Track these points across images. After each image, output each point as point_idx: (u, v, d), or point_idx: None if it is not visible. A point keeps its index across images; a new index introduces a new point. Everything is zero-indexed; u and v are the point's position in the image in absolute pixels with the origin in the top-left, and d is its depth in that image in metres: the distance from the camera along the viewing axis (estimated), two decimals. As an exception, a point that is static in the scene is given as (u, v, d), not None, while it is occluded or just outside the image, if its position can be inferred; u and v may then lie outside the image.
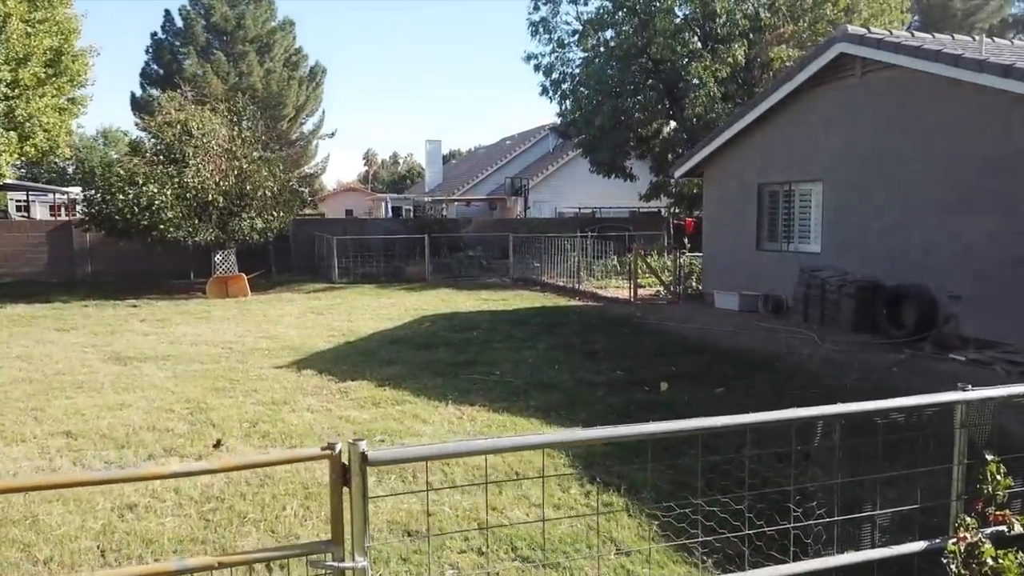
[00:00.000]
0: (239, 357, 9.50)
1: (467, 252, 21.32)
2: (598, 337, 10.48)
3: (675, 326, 11.25)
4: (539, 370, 8.46)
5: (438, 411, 6.76)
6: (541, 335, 10.78)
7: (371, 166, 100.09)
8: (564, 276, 18.51)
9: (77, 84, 24.29)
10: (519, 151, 39.48)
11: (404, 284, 18.84)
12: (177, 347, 10.31)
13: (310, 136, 44.37)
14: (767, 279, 12.31)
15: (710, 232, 13.96)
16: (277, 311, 14.12)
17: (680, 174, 14.53)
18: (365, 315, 13.43)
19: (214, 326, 12.30)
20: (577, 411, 6.73)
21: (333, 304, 15.06)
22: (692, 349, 9.48)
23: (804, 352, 9.18)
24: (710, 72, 19.44)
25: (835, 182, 10.92)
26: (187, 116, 16.82)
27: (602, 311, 13.11)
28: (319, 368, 8.68)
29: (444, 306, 14.62)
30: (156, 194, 15.63)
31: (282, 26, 41.38)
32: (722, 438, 5.14)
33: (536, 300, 15.52)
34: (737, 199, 12.98)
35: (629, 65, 21.11)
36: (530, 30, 22.39)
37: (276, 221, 17.42)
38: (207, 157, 16.31)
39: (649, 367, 8.56)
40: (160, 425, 6.40)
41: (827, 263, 10.99)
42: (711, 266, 13.88)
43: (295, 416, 6.65)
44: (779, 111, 11.83)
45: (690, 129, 20.20)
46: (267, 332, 11.55)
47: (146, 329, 12.01)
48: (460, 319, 12.54)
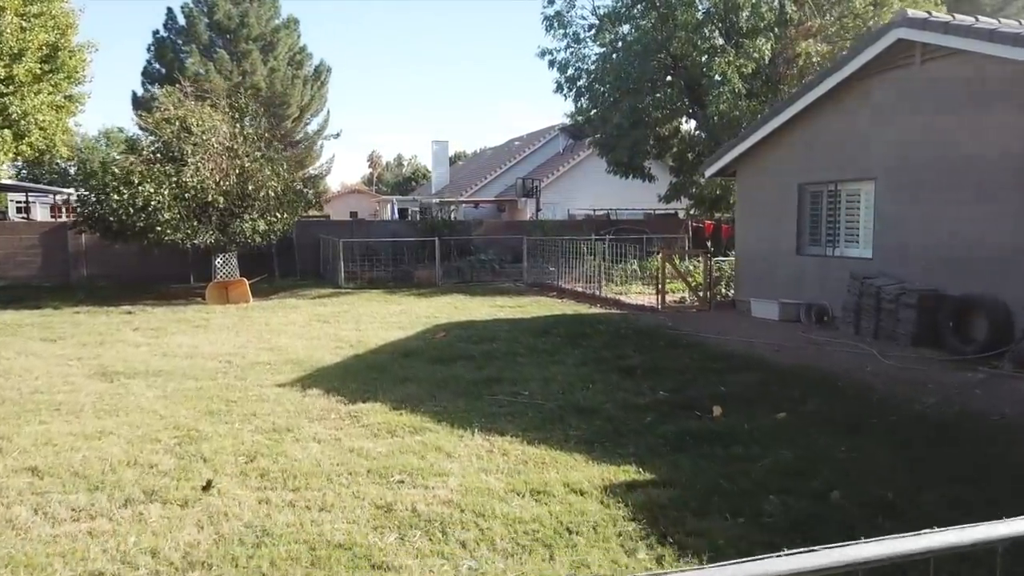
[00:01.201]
0: (238, 373, 8.61)
1: (479, 256, 20.42)
2: (631, 350, 9.56)
3: (713, 338, 10.33)
4: (572, 390, 7.55)
5: (463, 442, 5.85)
6: (568, 347, 9.87)
7: (375, 168, 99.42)
8: (582, 281, 17.61)
9: (74, 81, 23.49)
10: (528, 152, 38.62)
11: (413, 289, 17.94)
12: (170, 360, 9.42)
13: (314, 136, 43.58)
14: (809, 286, 11.39)
15: (743, 235, 13.05)
16: (280, 319, 13.23)
17: (711, 173, 13.62)
18: (374, 323, 12.54)
19: (212, 336, 11.42)
20: (624, 443, 5.81)
21: (340, 311, 14.17)
22: (739, 365, 8.55)
23: (866, 369, 8.25)
24: (734, 68, 18.53)
25: (890, 180, 10.00)
26: (186, 112, 15.96)
27: (629, 320, 12.19)
28: (326, 386, 7.79)
29: (458, 313, 13.73)
30: (152, 194, 14.77)
31: (286, 24, 40.60)
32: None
33: (555, 307, 14.61)
34: (774, 200, 12.06)
35: (648, 61, 20.19)
36: (544, 24, 21.51)
37: (279, 223, 16.55)
38: (207, 155, 15.45)
39: (695, 387, 7.65)
40: (143, 459, 5.50)
41: (880, 269, 10.07)
42: (744, 271, 12.96)
43: (299, 448, 5.74)
44: (824, 104, 10.92)
45: (712, 128, 19.29)
46: (269, 343, 10.66)
47: (139, 339, 11.13)
48: (477, 328, 11.64)
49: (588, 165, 33.92)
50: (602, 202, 31.60)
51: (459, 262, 20.70)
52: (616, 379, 8.01)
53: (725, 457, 5.45)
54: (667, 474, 5.11)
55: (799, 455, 5.45)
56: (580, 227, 24.11)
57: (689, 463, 5.32)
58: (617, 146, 20.49)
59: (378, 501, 4.65)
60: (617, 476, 5.08)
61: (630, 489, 4.84)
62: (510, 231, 23.78)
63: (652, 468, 5.23)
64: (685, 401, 7.07)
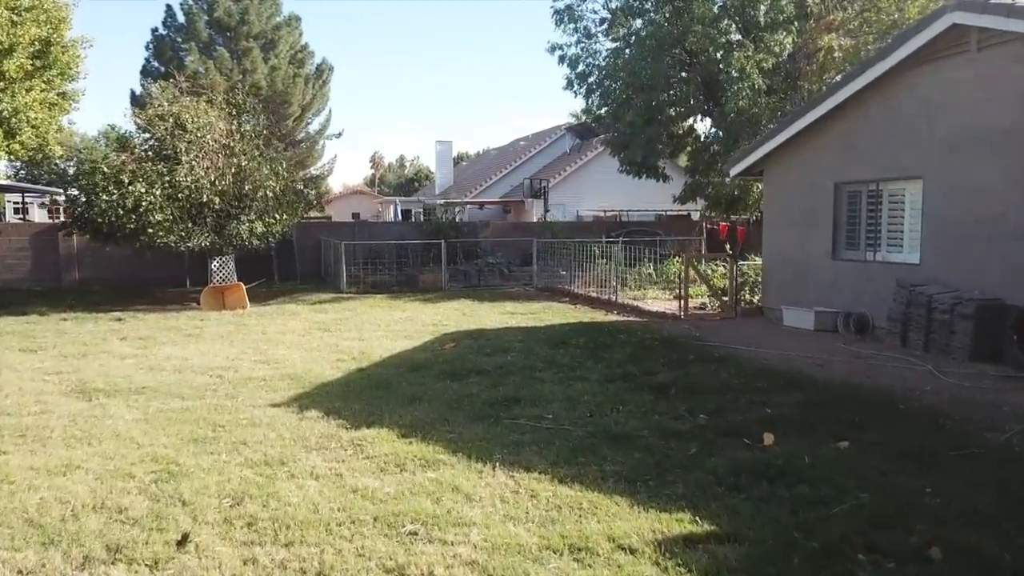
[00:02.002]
0: (229, 390, 7.82)
1: (486, 258, 19.62)
2: (659, 365, 8.76)
3: (747, 350, 9.51)
4: (601, 412, 6.75)
5: (484, 480, 5.05)
6: (589, 361, 9.06)
7: (377, 169, 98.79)
8: (594, 285, 16.82)
9: (68, 77, 22.76)
10: (534, 152, 37.85)
11: (418, 294, 17.15)
12: (157, 375, 8.63)
13: (316, 136, 42.81)
14: (846, 293, 10.59)
15: (772, 238, 12.24)
16: (278, 327, 12.44)
17: (735, 173, 12.81)
18: (378, 332, 11.75)
19: (205, 346, 10.64)
20: (671, 481, 5.02)
21: (341, 318, 13.38)
22: (782, 383, 7.74)
23: (925, 388, 7.44)
24: (753, 63, 17.74)
25: (941, 179, 9.19)
26: (180, 109, 15.18)
27: (651, 329, 11.39)
28: (326, 407, 6.99)
29: (466, 321, 12.93)
30: (144, 194, 13.99)
31: (287, 22, 39.86)
32: None
33: (569, 314, 13.81)
34: (807, 200, 11.26)
35: (662, 56, 19.39)
36: (554, 19, 20.75)
37: (278, 225, 15.76)
38: (202, 153, 14.67)
39: (738, 408, 6.85)
40: (111, 501, 4.71)
41: (930, 276, 9.26)
42: (772, 277, 12.15)
43: (294, 487, 4.95)
44: (866, 97, 10.12)
45: (729, 126, 18.48)
46: (265, 355, 9.87)
47: (125, 350, 10.34)
48: (488, 338, 10.84)
49: (595, 165, 33.15)
50: (610, 203, 30.82)
51: (466, 265, 19.91)
52: (648, 399, 7.21)
53: (791, 500, 4.65)
54: (728, 524, 4.31)
55: (877, 498, 4.65)
56: (590, 229, 23.33)
57: (751, 508, 4.53)
58: (630, 145, 19.69)
59: (387, 562, 3.85)
60: (670, 527, 4.28)
61: (688, 545, 4.04)
62: (518, 233, 22.99)
63: (709, 515, 4.43)
64: (729, 426, 6.27)
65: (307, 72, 40.28)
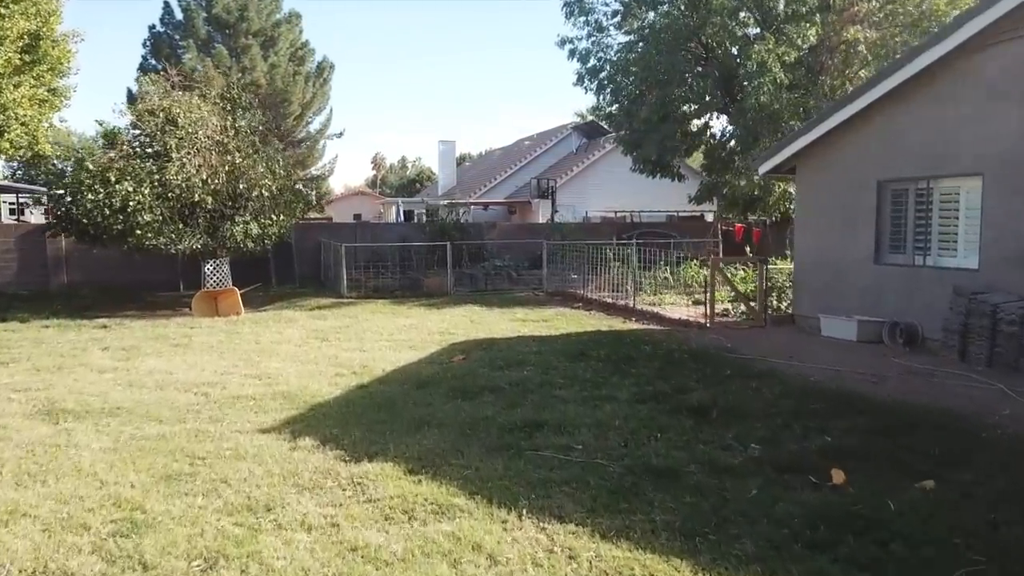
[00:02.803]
0: (214, 411, 6.96)
1: (493, 261, 18.75)
2: (693, 381, 7.89)
3: (788, 365, 8.64)
4: (637, 440, 5.89)
5: (510, 534, 4.19)
6: (615, 376, 8.19)
7: (379, 170, 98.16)
8: (607, 289, 15.96)
9: (58, 73, 21.89)
10: (539, 152, 36.98)
11: (423, 299, 16.28)
12: (136, 393, 7.77)
13: (317, 135, 41.98)
14: (890, 301, 9.72)
15: (805, 240, 11.36)
16: (273, 335, 11.59)
17: (765, 171, 11.93)
18: (380, 342, 10.89)
19: (192, 358, 9.78)
20: (736, 535, 4.15)
21: (341, 325, 12.52)
22: (837, 404, 6.87)
23: (1003, 412, 6.56)
24: (775, 56, 16.86)
25: (1004, 177, 8.31)
26: (171, 103, 14.33)
27: (677, 339, 10.51)
28: (322, 433, 6.13)
29: (475, 329, 12.07)
30: (132, 193, 13.14)
31: (288, 19, 39.05)
32: None
33: (585, 321, 12.94)
34: (846, 200, 10.39)
35: (678, 50, 18.55)
36: (564, 11, 19.91)
37: (274, 226, 14.89)
38: (193, 150, 13.81)
39: (792, 435, 5.98)
40: (57, 564, 3.86)
41: (990, 283, 8.38)
42: (806, 282, 11.27)
43: (280, 543, 4.08)
44: (915, 87, 9.25)
45: (749, 122, 17.60)
46: (257, 368, 9.01)
47: (105, 362, 9.48)
48: (500, 349, 9.98)
49: (603, 165, 32.30)
50: (619, 204, 29.98)
51: (472, 268, 19.04)
52: (688, 424, 6.34)
53: (892, 564, 3.79)
54: (821, 600, 3.45)
55: (998, 563, 3.78)
56: (600, 230, 22.47)
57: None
58: (644, 143, 18.83)
59: (395, 660, 2.99)
60: (749, 605, 3.42)
61: (777, 633, 3.18)
62: (526, 234, 22.14)
63: (794, 587, 3.57)
64: (788, 459, 5.40)
65: (307, 70, 39.46)
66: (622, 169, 28.92)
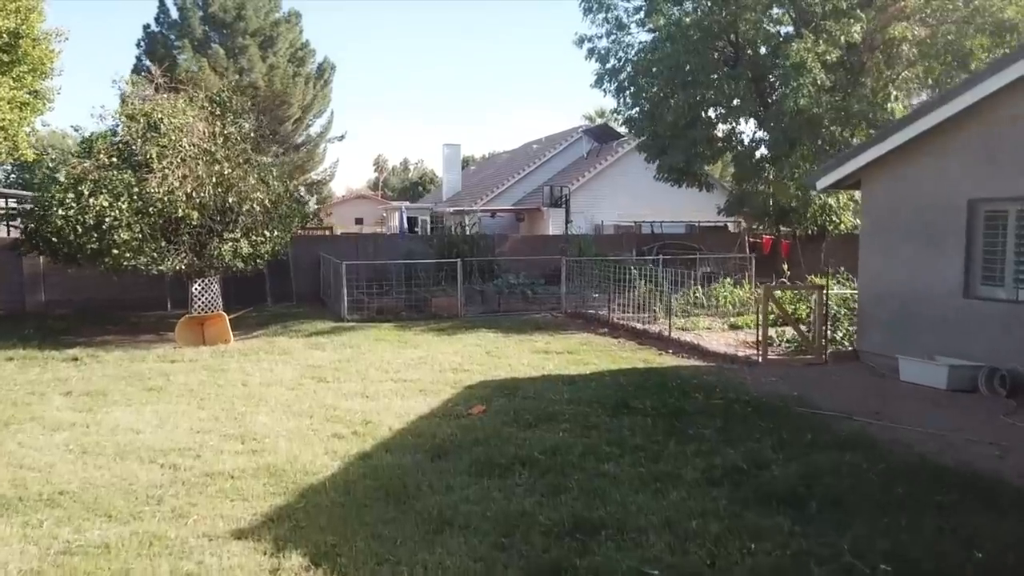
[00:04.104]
0: (180, 500, 5.54)
1: (507, 279, 17.32)
2: (768, 448, 6.46)
3: (878, 426, 7.19)
4: (726, 556, 4.47)
5: None
6: (671, 441, 6.76)
7: (381, 172, 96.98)
8: (631, 309, 14.56)
9: (40, 74, 20.57)
10: (548, 156, 35.56)
11: (431, 321, 14.86)
12: (90, 466, 6.36)
13: (317, 139, 40.70)
14: (983, 341, 8.30)
15: (872, 265, 9.93)
16: (264, 373, 10.17)
17: (825, 185, 10.51)
18: (386, 382, 9.49)
19: (167, 407, 8.37)
20: None
21: (341, 359, 11.10)
22: (968, 494, 5.40)
23: None
24: (815, 56, 15.43)
25: None
26: (153, 107, 12.94)
27: (730, 382, 9.07)
28: (314, 543, 4.72)
29: (493, 364, 10.66)
30: (107, 208, 11.75)
31: (287, 18, 37.76)
32: None
33: (615, 353, 11.52)
34: (926, 220, 8.97)
35: (706, 49, 17.14)
36: (582, 7, 18.49)
37: (268, 243, 13.48)
38: (177, 160, 12.41)
39: (923, 541, 4.57)
40: None
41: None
42: (873, 313, 9.84)
43: None
44: (1018, 91, 7.82)
45: (785, 128, 16.18)
46: (241, 425, 7.60)
47: (63, 415, 8.07)
48: (526, 396, 8.55)
49: (616, 170, 30.88)
50: (633, 211, 28.61)
51: (482, 285, 17.63)
52: (785, 524, 4.91)
53: None
54: None
55: None
56: (620, 243, 21.10)
57: None
58: (670, 149, 17.41)
59: None
60: None
61: None
62: (540, 247, 20.76)
63: None
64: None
65: (308, 71, 38.16)
66: (636, 174, 27.53)
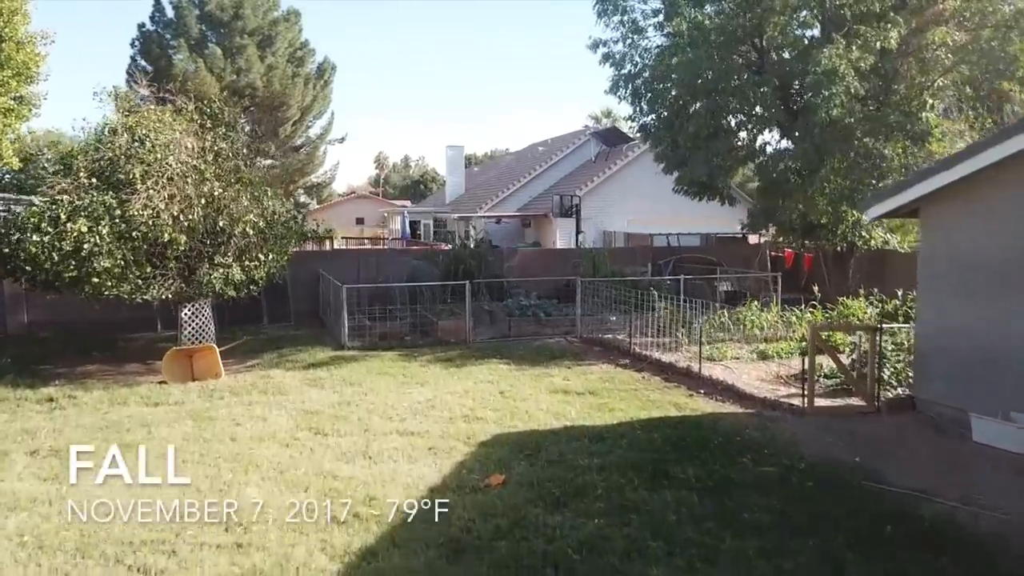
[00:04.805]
0: (143, 629, 4.56)
1: (518, 299, 16.32)
2: (844, 545, 5.47)
3: (967, 512, 6.17)
4: None
5: None
6: (727, 532, 5.76)
7: (382, 169, 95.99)
8: (651, 332, 13.58)
9: (25, 79, 19.56)
10: (555, 159, 34.49)
11: (438, 348, 13.84)
12: (44, 566, 5.37)
13: (317, 141, 39.67)
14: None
15: (932, 304, 8.93)
16: (255, 424, 9.16)
17: (879, 214, 9.49)
18: (390, 436, 8.50)
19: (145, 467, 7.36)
20: None
21: (341, 402, 10.11)
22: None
23: None
24: (848, 63, 14.37)
25: None
26: (136, 120, 11.93)
27: (775, 438, 8.08)
28: None
29: (507, 407, 9.69)
30: (86, 234, 10.74)
31: (286, 17, 36.66)
32: None
33: (639, 392, 10.53)
34: (1005, 256, 7.95)
35: (730, 55, 16.10)
36: (596, 9, 17.42)
37: (262, 268, 12.46)
38: (163, 179, 11.41)
39: None
40: None
41: None
42: (936, 357, 8.82)
43: None
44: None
45: (815, 140, 15.11)
46: (223, 498, 6.58)
47: (22, 486, 7.07)
48: (550, 459, 7.57)
49: (625, 175, 29.83)
50: (643, 217, 27.57)
51: (491, 304, 16.63)
52: None
53: None
54: None
55: None
56: (634, 256, 20.08)
57: None
58: (691, 161, 16.37)
59: None
60: None
61: None
62: (551, 260, 19.78)
63: None
64: None
65: (307, 72, 37.10)
66: (646, 179, 26.43)
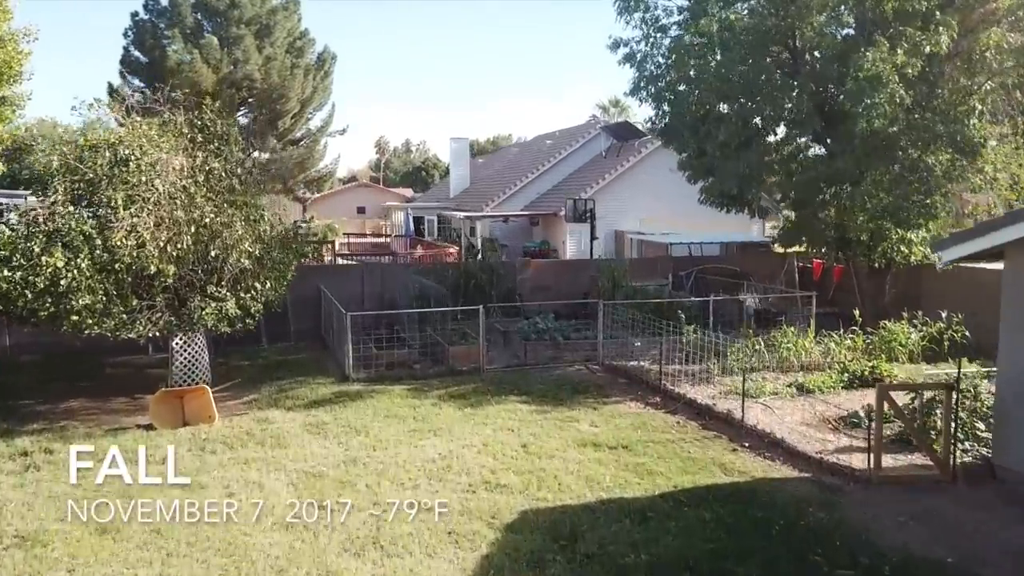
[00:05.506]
0: None
1: (534, 321, 15.25)
2: None
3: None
4: None
5: None
6: None
7: (383, 154, 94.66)
8: (679, 360, 12.62)
9: (8, 79, 18.44)
10: (564, 154, 33.26)
11: (449, 381, 12.77)
12: None
13: (317, 133, 38.44)
14: None
15: (1016, 352, 7.87)
16: (251, 491, 8.16)
17: (955, 257, 8.38)
18: (403, 513, 7.48)
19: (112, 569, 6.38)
20: None
21: (347, 460, 9.09)
22: None
23: None
24: (892, 67, 13.19)
25: None
26: (118, 139, 10.83)
27: (847, 525, 7.07)
28: None
29: (532, 467, 8.70)
30: (63, 268, 9.70)
31: (285, 5, 35.32)
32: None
33: (677, 445, 9.51)
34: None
35: (762, 57, 14.94)
36: (617, 7, 16.23)
37: (259, 298, 11.41)
38: (149, 205, 10.34)
39: None
40: None
41: None
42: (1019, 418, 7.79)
43: None
44: None
45: (856, 151, 13.98)
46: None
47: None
48: (589, 552, 6.57)
49: (638, 171, 28.62)
50: (656, 216, 26.47)
51: (505, 323, 15.60)
52: None
53: None
54: None
55: None
56: (654, 267, 19.00)
57: None
58: (719, 171, 15.25)
59: None
60: None
61: None
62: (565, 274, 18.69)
63: None
64: None
65: (307, 62, 35.78)
66: (660, 177, 25.17)
